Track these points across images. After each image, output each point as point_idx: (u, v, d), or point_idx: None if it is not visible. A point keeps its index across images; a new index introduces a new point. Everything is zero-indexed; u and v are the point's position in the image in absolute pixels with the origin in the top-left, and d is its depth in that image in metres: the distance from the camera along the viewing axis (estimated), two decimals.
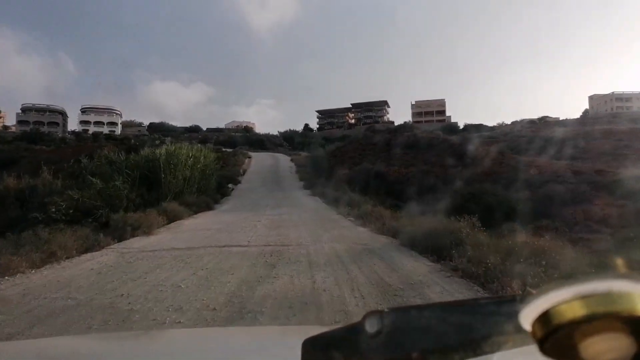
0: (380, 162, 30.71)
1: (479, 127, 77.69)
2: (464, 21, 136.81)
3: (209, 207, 18.75)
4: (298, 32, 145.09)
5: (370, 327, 0.42)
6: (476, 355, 0.39)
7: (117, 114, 76.65)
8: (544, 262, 5.09)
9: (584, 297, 0.36)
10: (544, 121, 79.53)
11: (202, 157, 22.74)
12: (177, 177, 19.22)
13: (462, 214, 8.99)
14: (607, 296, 0.35)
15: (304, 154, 52.62)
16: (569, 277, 0.38)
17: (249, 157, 50.48)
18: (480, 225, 8.19)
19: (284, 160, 47.92)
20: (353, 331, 0.43)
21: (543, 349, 0.37)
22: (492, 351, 0.40)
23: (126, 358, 1.18)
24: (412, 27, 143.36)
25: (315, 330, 0.51)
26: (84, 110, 74.37)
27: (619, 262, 0.41)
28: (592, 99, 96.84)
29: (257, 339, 1.43)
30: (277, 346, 1.26)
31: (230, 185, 31.61)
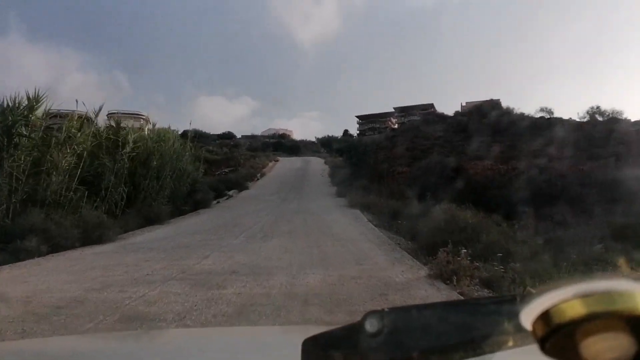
0: (455, 155, 18.48)
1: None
2: (514, 23, 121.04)
3: (97, 238, 7.29)
4: (341, 42, 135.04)
5: (371, 326, 0.39)
6: (477, 354, 0.37)
7: (144, 119, 67.94)
8: None
9: (585, 296, 0.34)
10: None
11: (143, 138, 11.54)
12: (46, 169, 7.97)
13: None
14: (608, 295, 0.34)
15: (341, 159, 41.83)
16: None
17: (276, 161, 40.13)
18: None
19: (316, 163, 36.85)
20: (353, 331, 0.40)
21: (544, 349, 0.35)
22: (493, 351, 0.37)
23: (126, 358, 1.09)
24: (458, 31, 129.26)
25: (316, 329, 0.46)
26: (109, 117, 66.21)
27: (621, 261, 0.37)
28: None
29: (257, 338, 1.34)
30: (278, 345, 1.16)
31: (230, 192, 20.42)
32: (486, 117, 21.36)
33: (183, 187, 14.03)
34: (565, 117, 22.00)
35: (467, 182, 16.30)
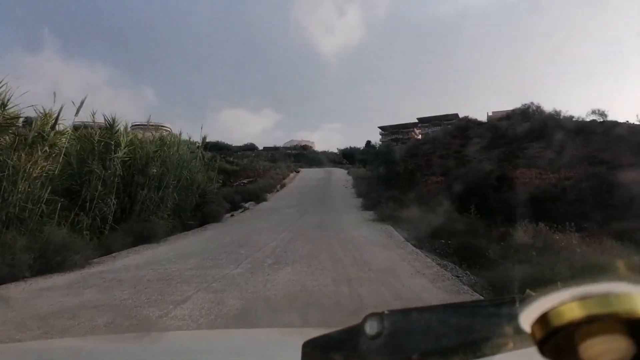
0: (495, 163, 16.27)
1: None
2: (543, 24, 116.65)
3: (58, 265, 5.52)
4: (363, 53, 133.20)
5: (370, 329, 0.39)
6: (476, 357, 0.37)
7: (166, 130, 67.60)
8: None
9: (584, 299, 0.34)
10: None
11: (141, 142, 10.02)
12: (8, 176, 6.33)
13: None
14: (606, 298, 0.34)
15: (365, 169, 39.96)
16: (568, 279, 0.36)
17: (297, 172, 38.57)
18: None
19: (338, 174, 35.03)
20: (353, 333, 0.40)
21: (543, 351, 0.35)
22: (492, 353, 0.37)
23: (127, 359, 1.07)
24: (483, 38, 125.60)
25: (316, 332, 0.46)
26: (132, 128, 65.96)
27: (620, 264, 0.38)
28: None
29: (257, 340, 1.31)
30: (278, 348, 1.15)
31: (246, 204, 18.70)
32: (529, 122, 19.08)
33: (190, 199, 12.34)
34: (621, 119, 19.50)
35: (514, 192, 14.11)
